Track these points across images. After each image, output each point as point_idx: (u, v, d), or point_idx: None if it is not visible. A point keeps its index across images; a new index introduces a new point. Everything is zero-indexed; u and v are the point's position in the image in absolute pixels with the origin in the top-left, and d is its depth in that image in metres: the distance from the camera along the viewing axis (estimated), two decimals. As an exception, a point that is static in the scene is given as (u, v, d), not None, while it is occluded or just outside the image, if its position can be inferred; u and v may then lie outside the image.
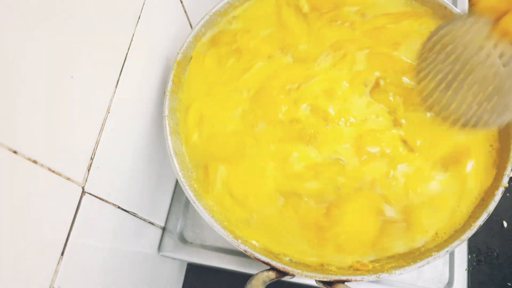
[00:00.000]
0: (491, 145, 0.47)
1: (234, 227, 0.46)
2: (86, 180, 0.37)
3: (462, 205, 0.45)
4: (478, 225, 0.42)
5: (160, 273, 0.61)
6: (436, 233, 0.45)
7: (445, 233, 0.45)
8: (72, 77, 0.33)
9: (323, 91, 0.49)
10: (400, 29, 0.52)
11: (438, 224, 0.45)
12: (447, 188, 0.46)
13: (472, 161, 0.46)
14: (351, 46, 0.51)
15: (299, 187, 0.46)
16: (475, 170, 0.46)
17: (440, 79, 0.40)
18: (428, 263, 0.41)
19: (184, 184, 0.45)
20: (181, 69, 0.52)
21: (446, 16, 0.53)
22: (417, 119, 0.47)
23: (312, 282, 0.53)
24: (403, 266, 0.41)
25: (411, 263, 0.41)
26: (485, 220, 0.42)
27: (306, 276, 0.41)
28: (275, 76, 0.51)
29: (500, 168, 0.46)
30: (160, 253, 0.58)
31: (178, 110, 0.51)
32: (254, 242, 0.45)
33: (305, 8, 0.54)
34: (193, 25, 0.59)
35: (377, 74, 0.50)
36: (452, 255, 0.55)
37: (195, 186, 0.48)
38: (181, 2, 0.54)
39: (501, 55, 0.37)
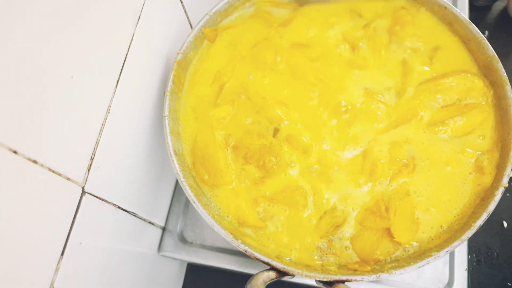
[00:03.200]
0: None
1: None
2: (86, 180, 0.36)
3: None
4: (478, 225, 0.42)
5: (160, 273, 0.61)
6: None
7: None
8: (72, 77, 0.33)
9: None
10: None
11: None
12: None
13: None
14: None
15: None
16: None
17: None
18: (428, 263, 0.41)
19: (184, 184, 0.45)
20: (181, 69, 0.52)
21: (446, 17, 0.53)
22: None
23: (312, 282, 0.53)
24: (403, 266, 0.41)
25: (411, 263, 0.41)
26: (485, 220, 0.42)
27: (306, 276, 0.41)
28: None
29: (500, 168, 0.46)
30: (160, 253, 0.58)
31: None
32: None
33: None
34: (193, 25, 0.59)
35: None
36: (452, 255, 0.55)
37: (194, 186, 0.48)
38: (181, 2, 0.54)
39: None
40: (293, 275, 0.42)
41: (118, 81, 0.40)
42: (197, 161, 0.49)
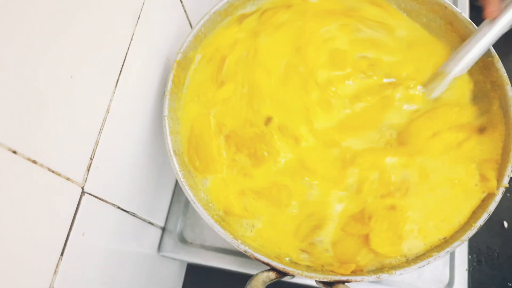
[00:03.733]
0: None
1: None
2: (86, 180, 0.36)
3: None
4: (479, 225, 0.42)
5: (159, 273, 0.61)
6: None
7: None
8: (71, 76, 0.33)
9: None
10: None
11: None
12: None
13: None
14: None
15: None
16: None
17: None
18: (428, 263, 0.41)
19: (184, 184, 0.45)
20: (181, 69, 0.52)
21: (447, 17, 0.53)
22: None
23: (312, 282, 0.53)
24: (403, 266, 0.41)
25: (412, 264, 0.41)
26: (485, 220, 0.42)
27: (306, 276, 0.41)
28: None
29: (500, 168, 0.46)
30: (160, 253, 0.58)
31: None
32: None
33: None
34: (193, 25, 0.59)
35: None
36: (452, 255, 0.55)
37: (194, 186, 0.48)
38: (181, 2, 0.54)
39: None
40: (293, 276, 0.42)
41: (117, 80, 0.40)
42: (191, 147, 0.50)
